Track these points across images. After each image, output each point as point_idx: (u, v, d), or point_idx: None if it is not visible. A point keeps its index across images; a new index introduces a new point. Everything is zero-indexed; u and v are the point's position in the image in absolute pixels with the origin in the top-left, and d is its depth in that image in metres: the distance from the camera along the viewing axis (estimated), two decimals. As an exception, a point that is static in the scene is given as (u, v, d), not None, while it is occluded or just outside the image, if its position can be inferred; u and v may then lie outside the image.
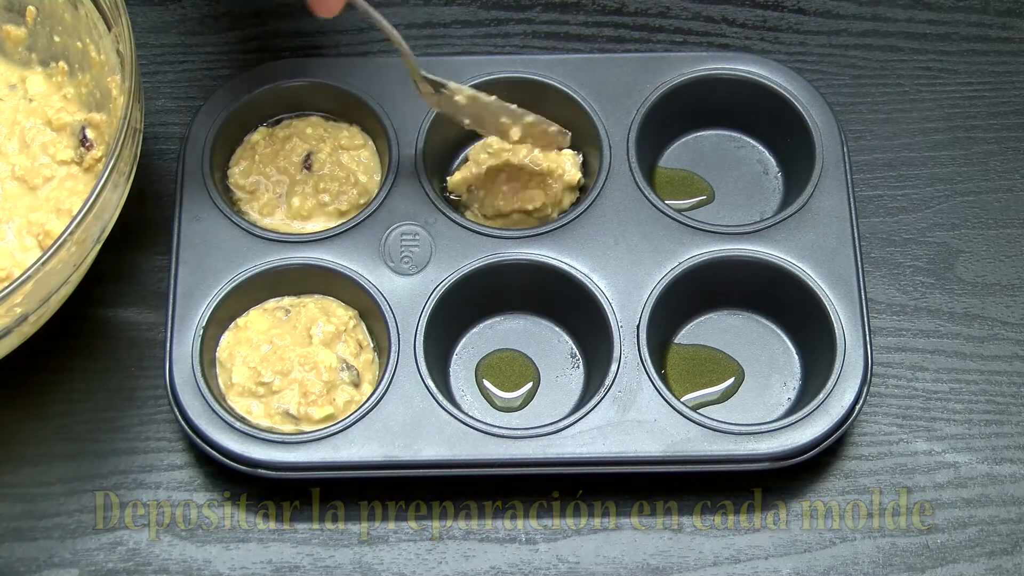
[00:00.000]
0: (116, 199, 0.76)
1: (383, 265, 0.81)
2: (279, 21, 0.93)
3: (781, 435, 0.77)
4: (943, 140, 0.90)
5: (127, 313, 0.84)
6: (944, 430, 0.82)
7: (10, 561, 0.78)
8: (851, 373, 0.78)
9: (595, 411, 0.78)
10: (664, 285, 0.81)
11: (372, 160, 0.86)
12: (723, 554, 0.78)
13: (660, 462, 0.77)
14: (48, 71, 0.85)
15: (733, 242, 0.82)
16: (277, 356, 0.80)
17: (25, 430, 0.81)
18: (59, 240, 0.71)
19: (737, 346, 0.83)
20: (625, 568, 0.78)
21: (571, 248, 0.82)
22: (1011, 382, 0.83)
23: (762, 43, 0.93)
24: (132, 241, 0.85)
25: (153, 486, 0.80)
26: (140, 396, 0.82)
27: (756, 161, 0.88)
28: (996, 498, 0.80)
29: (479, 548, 0.78)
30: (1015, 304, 0.85)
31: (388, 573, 0.78)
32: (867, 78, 0.92)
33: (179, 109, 0.89)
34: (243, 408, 0.79)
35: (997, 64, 0.92)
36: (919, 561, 0.78)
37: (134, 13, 0.79)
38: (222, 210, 0.82)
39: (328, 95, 0.86)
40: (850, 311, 0.80)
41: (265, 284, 0.82)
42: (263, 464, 0.77)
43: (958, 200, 0.88)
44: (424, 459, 0.76)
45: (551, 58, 0.89)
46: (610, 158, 0.84)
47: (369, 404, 0.77)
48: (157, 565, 0.78)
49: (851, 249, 0.82)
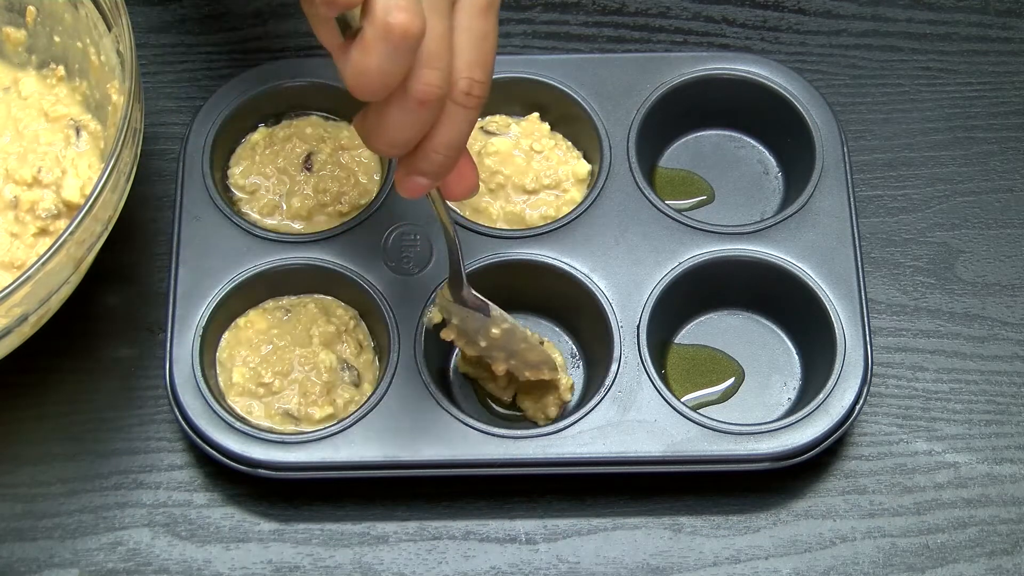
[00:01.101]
0: (116, 199, 0.76)
1: (383, 265, 0.81)
2: (279, 21, 0.93)
3: (781, 435, 0.77)
4: (943, 140, 0.90)
5: (127, 313, 0.84)
6: (944, 430, 0.82)
7: (10, 561, 0.78)
8: (851, 373, 0.78)
9: (595, 411, 0.78)
10: (664, 285, 0.81)
11: (372, 160, 0.86)
12: (723, 554, 0.78)
13: (660, 462, 0.77)
14: (42, 74, 0.85)
15: (733, 242, 0.82)
16: (277, 356, 0.80)
17: (25, 430, 0.81)
18: (59, 240, 0.71)
19: (737, 346, 0.83)
20: (625, 568, 0.78)
21: (571, 248, 0.82)
22: (1011, 382, 0.83)
23: (762, 43, 0.93)
24: (132, 241, 0.85)
25: (153, 486, 0.80)
26: (140, 396, 0.82)
27: (756, 161, 0.88)
28: (996, 498, 0.80)
29: (479, 548, 0.78)
30: (1015, 304, 0.85)
31: (388, 573, 0.78)
32: (867, 78, 0.92)
33: (179, 109, 0.89)
34: (243, 408, 0.79)
35: (997, 64, 0.93)
36: (919, 561, 0.78)
37: (134, 13, 0.79)
38: (222, 210, 0.82)
39: (328, 95, 0.86)
40: (850, 311, 0.80)
41: (265, 284, 0.82)
42: (263, 464, 0.77)
43: (958, 200, 0.88)
44: (424, 459, 0.76)
45: (551, 58, 0.89)
46: (610, 158, 0.84)
47: (369, 404, 0.77)
48: (157, 565, 0.78)
49: (851, 249, 0.82)
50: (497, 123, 0.86)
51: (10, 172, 0.81)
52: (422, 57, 0.63)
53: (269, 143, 0.86)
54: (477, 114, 0.66)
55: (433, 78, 0.63)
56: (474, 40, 0.65)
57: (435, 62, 0.63)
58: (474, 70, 0.65)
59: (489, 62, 0.65)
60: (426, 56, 0.63)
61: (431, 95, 0.64)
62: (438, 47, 0.63)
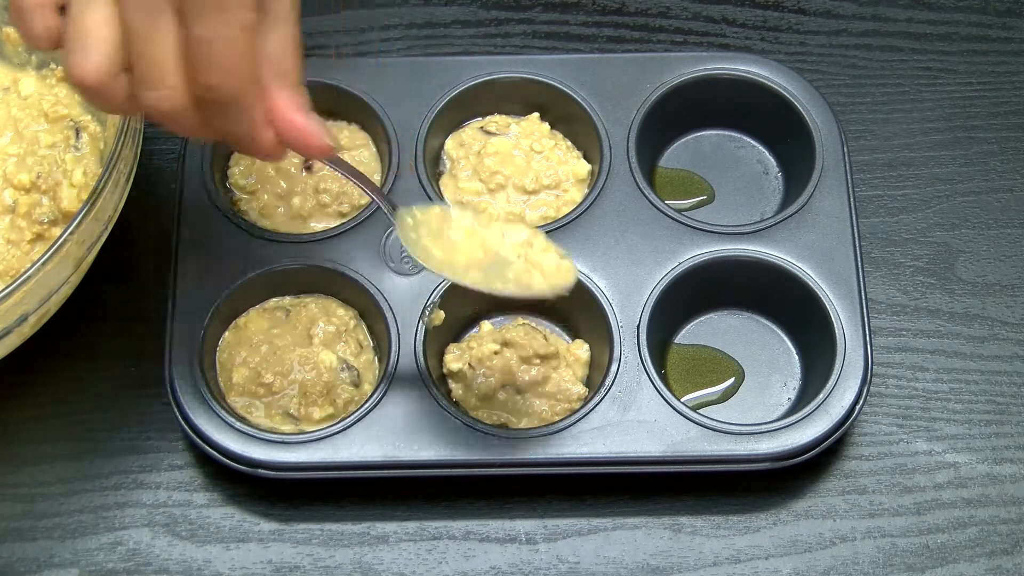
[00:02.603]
0: (116, 199, 0.76)
1: (383, 265, 0.81)
2: (279, 21, 0.93)
3: (781, 435, 0.77)
4: (943, 140, 0.90)
5: (127, 313, 0.84)
6: (944, 430, 0.82)
7: (10, 561, 0.78)
8: (851, 373, 0.78)
9: (595, 411, 0.77)
10: (664, 285, 0.81)
11: (372, 160, 0.86)
12: (723, 554, 0.78)
13: (660, 462, 0.77)
14: (42, 74, 0.85)
15: (733, 242, 0.82)
16: (277, 356, 0.80)
17: (25, 430, 0.81)
18: (59, 240, 0.71)
19: (737, 346, 0.83)
20: (625, 568, 0.78)
21: (571, 248, 0.81)
22: (1011, 382, 0.83)
23: (762, 43, 0.93)
24: (132, 241, 0.85)
25: (153, 486, 0.80)
26: (140, 396, 0.82)
27: (756, 161, 0.88)
28: (996, 498, 0.80)
29: (479, 548, 0.78)
30: (1015, 304, 0.85)
31: (388, 573, 0.78)
32: (867, 78, 0.92)
33: (179, 109, 0.89)
34: (243, 408, 0.79)
35: (997, 64, 0.93)
36: (919, 561, 0.78)
37: (134, 13, 0.79)
38: (222, 210, 0.82)
39: (328, 95, 0.86)
40: (850, 311, 0.80)
41: (265, 284, 0.82)
42: (263, 464, 0.77)
43: (958, 200, 0.88)
44: (424, 459, 0.76)
45: (551, 58, 0.89)
46: (610, 158, 0.84)
47: (369, 404, 0.77)
48: (157, 565, 0.78)
49: (851, 249, 0.82)
50: (497, 123, 0.86)
51: (8, 176, 0.81)
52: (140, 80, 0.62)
53: (269, 143, 0.86)
54: (244, 107, 0.64)
55: (152, 99, 0.63)
56: (199, 48, 0.62)
57: (152, 85, 0.62)
58: (204, 76, 0.62)
59: (224, 63, 0.62)
60: (141, 80, 0.62)
61: (158, 117, 0.63)
62: (152, 72, 0.62)
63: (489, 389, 0.79)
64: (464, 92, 0.86)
